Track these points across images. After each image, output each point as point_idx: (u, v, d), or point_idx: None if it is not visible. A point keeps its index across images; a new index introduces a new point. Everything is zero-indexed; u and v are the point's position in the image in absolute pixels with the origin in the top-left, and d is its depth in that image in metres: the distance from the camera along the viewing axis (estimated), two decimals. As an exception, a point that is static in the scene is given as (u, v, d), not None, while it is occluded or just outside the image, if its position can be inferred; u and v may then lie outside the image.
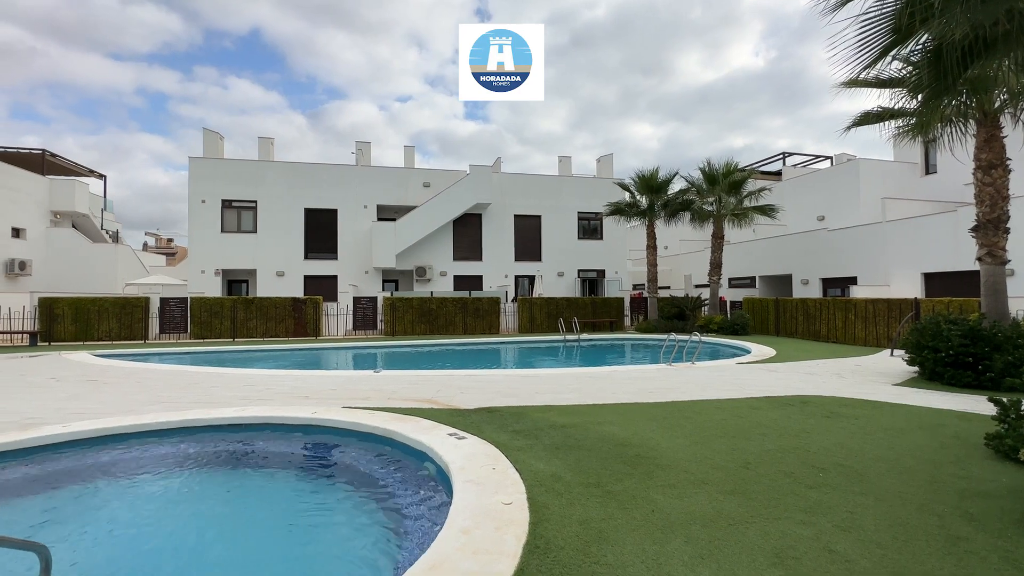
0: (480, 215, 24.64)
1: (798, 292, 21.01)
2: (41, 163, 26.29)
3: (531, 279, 25.00)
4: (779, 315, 17.64)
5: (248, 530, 3.79)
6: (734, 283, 25.53)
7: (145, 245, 50.87)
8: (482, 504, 3.14)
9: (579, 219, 26.03)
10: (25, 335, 16.13)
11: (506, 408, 5.99)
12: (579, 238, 26.01)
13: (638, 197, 20.73)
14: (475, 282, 24.27)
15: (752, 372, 9.12)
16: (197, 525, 3.87)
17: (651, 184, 19.78)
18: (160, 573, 3.15)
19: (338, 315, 19.27)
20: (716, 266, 18.96)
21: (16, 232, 23.42)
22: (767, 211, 18.70)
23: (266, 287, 22.19)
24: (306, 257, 23.03)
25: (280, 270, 22.64)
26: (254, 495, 4.43)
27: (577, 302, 21.17)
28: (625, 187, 21.00)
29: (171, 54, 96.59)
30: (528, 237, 25.37)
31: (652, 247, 20.47)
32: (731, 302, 21.91)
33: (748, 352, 12.39)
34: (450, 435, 4.69)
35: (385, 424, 5.08)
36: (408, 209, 23.64)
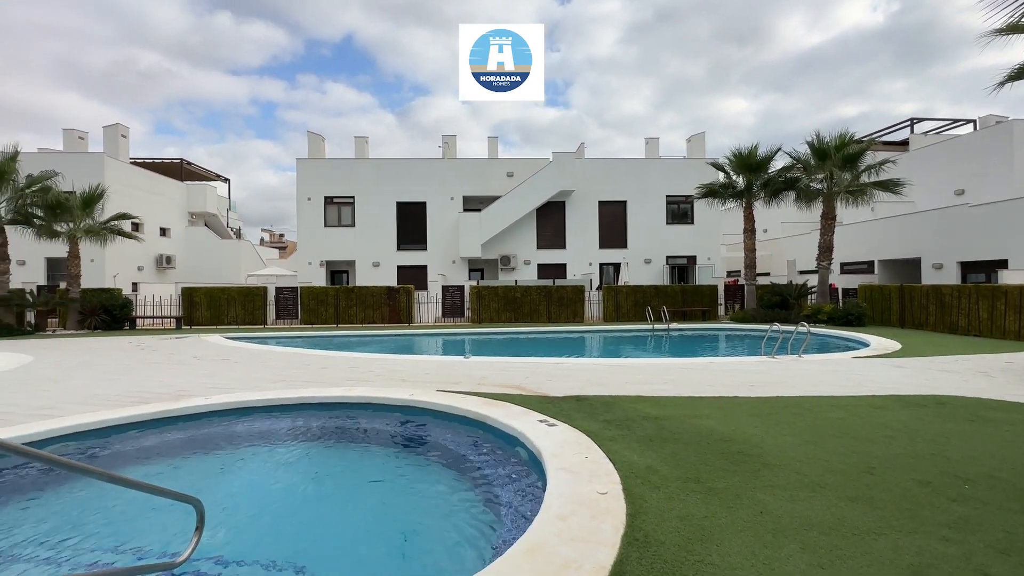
0: (563, 203, 24.43)
1: (928, 277, 18.44)
2: (179, 171, 30.30)
3: (616, 267, 24.39)
4: (904, 304, 15.60)
5: (351, 498, 4.11)
6: (847, 268, 23.00)
7: (261, 240, 56.92)
8: (576, 492, 3.12)
9: (667, 203, 24.87)
10: (172, 319, 18.82)
11: (595, 397, 5.91)
12: (667, 223, 24.88)
13: (734, 177, 19.28)
14: (559, 270, 24.19)
15: (872, 367, 8.17)
16: (309, 490, 4.27)
17: (749, 162, 18.28)
18: (280, 526, 3.52)
19: (428, 303, 20.20)
20: (826, 250, 17.15)
21: (163, 231, 27.27)
22: (890, 187, 16.49)
23: (363, 277, 23.85)
24: (398, 248, 24.37)
25: (376, 261, 24.18)
26: (358, 467, 4.79)
27: (666, 290, 20.30)
28: (719, 167, 19.63)
29: (278, 65, 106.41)
30: (613, 223, 24.73)
31: (750, 230, 18.98)
32: (844, 289, 19.79)
33: (866, 345, 11.11)
34: (540, 422, 4.72)
35: (477, 408, 5.23)
36: (492, 199, 24.05)
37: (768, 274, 25.98)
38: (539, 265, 24.38)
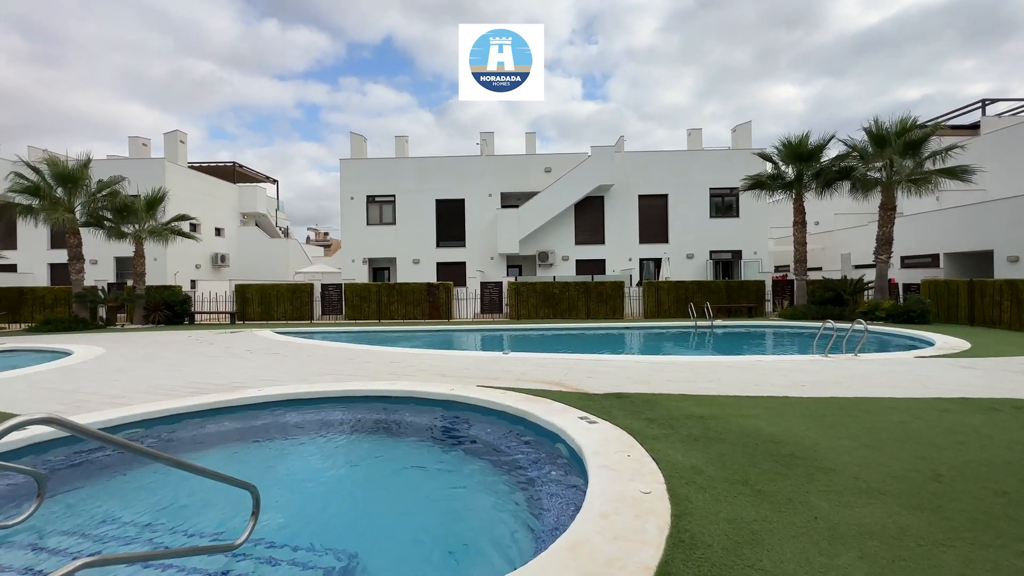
0: (602, 197, 24.10)
1: (1003, 272, 17.06)
2: (232, 174, 31.85)
3: (657, 262, 23.87)
4: (974, 300, 14.49)
5: (395, 489, 4.20)
6: (908, 262, 21.60)
7: (308, 239, 59.11)
8: (619, 490, 3.07)
9: (711, 196, 24.10)
10: (226, 314, 19.85)
11: (637, 395, 5.80)
12: (711, 216, 24.12)
13: (783, 167, 18.43)
14: (597, 266, 23.91)
15: (938, 368, 7.64)
16: (354, 480, 4.41)
17: (800, 151, 17.42)
18: (328, 513, 3.64)
19: (467, 299, 20.41)
20: (885, 242, 16.15)
21: (218, 231, 28.78)
22: (958, 174, 15.31)
23: (404, 273, 24.37)
24: (438, 245, 24.73)
25: (416, 258, 24.65)
26: (400, 458, 4.89)
27: (709, 286, 19.69)
28: (767, 157, 18.81)
29: (321, 69, 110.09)
30: (653, 218, 24.20)
31: (800, 223, 18.10)
32: (904, 285, 18.62)
33: (930, 344, 10.40)
34: (581, 419, 4.68)
35: (517, 404, 5.24)
36: (530, 195, 24.00)
37: (820, 269, 24.75)
38: (577, 261, 24.17)
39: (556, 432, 4.47)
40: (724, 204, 24.31)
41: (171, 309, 18.55)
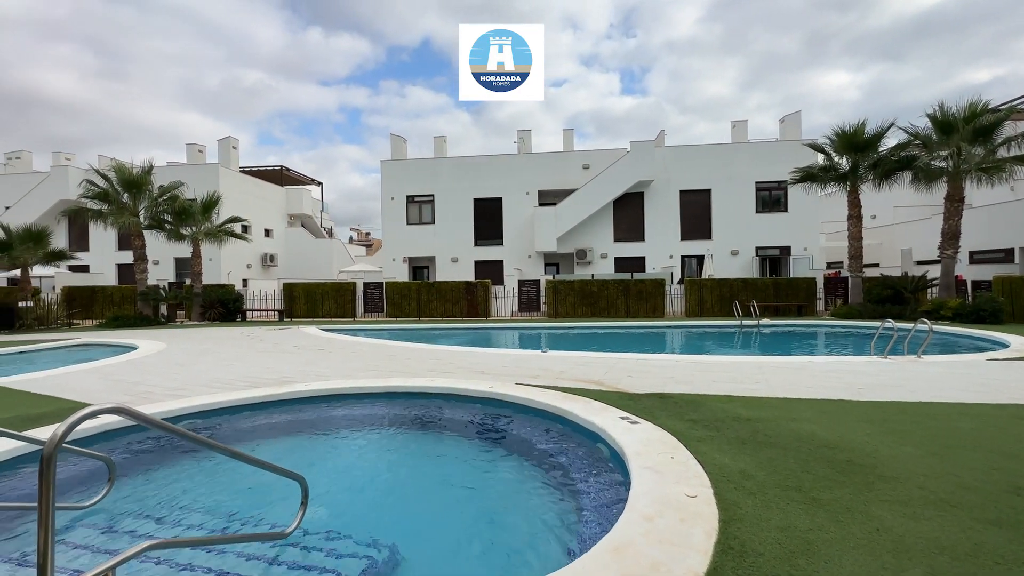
0: (642, 193, 23.63)
1: (1088, 267, 15.56)
2: (280, 177, 33.19)
3: (699, 259, 23.19)
4: (1055, 298, 13.28)
5: (434, 483, 4.25)
6: (978, 257, 20.08)
7: (350, 239, 60.86)
8: (663, 493, 2.99)
9: (757, 190, 23.20)
10: (275, 312, 20.73)
11: (680, 395, 5.64)
12: (757, 211, 23.23)
13: (836, 158, 17.48)
14: (637, 264, 23.46)
15: (1014, 371, 7.05)
16: (395, 474, 4.50)
17: (855, 141, 16.45)
18: (370, 505, 3.73)
19: (504, 297, 20.48)
20: (951, 236, 15.05)
21: (267, 232, 30.08)
22: (1036, 161, 14.08)
23: (443, 272, 24.71)
24: (476, 244, 24.93)
25: (454, 256, 24.94)
26: (440, 454, 4.95)
27: (755, 283, 18.95)
28: (818, 148, 17.88)
29: (362, 74, 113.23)
30: (696, 213, 23.52)
31: (855, 217, 17.11)
32: (973, 282, 17.30)
33: (1005, 346, 9.61)
34: (622, 418, 4.59)
35: (556, 402, 5.20)
36: (568, 192, 23.82)
37: (877, 265, 23.39)
38: (616, 259, 23.81)
39: (596, 431, 4.41)
40: (771, 198, 23.33)
41: (225, 306, 19.54)
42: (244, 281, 25.08)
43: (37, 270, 20.81)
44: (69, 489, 3.78)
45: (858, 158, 16.68)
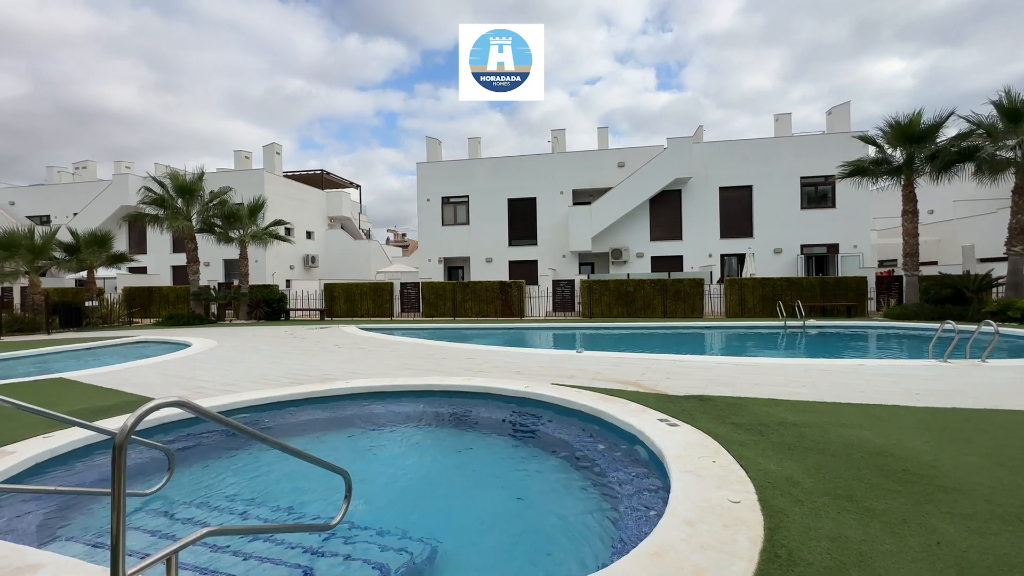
0: (679, 191, 23.12)
1: None
2: (320, 180, 34.27)
3: (740, 257, 22.48)
4: None
5: (471, 482, 4.30)
6: (1050, 254, 18.54)
7: (387, 240, 62.22)
8: (705, 498, 2.92)
9: (802, 185, 22.29)
10: (316, 312, 21.43)
11: (721, 398, 5.49)
12: (802, 207, 22.32)
13: (889, 150, 16.57)
14: (674, 263, 22.97)
15: (1092, 377, 6.50)
16: (433, 471, 4.57)
17: (911, 131, 15.54)
18: (410, 501, 3.80)
19: (538, 297, 20.46)
20: (1019, 232, 14.02)
21: (308, 234, 31.13)
22: (1119, 149, 12.92)
23: (477, 272, 24.92)
24: (510, 244, 25.02)
25: (489, 256, 25.10)
26: (477, 453, 5.00)
27: (800, 282, 18.20)
28: (869, 140, 17.00)
29: (398, 78, 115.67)
30: (736, 211, 22.81)
31: (911, 212, 16.17)
32: (1045, 281, 16.00)
33: (1081, 350, 8.87)
34: (660, 420, 4.51)
35: (592, 403, 5.16)
36: (603, 191, 23.57)
37: (935, 263, 22.02)
38: (652, 258, 23.38)
39: (634, 433, 4.35)
40: (818, 194, 22.35)
41: (270, 306, 20.36)
42: (287, 282, 26.05)
43: (101, 272, 22.28)
44: (128, 478, 4.03)
45: (914, 150, 15.76)
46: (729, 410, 4.97)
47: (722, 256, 23.00)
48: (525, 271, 24.14)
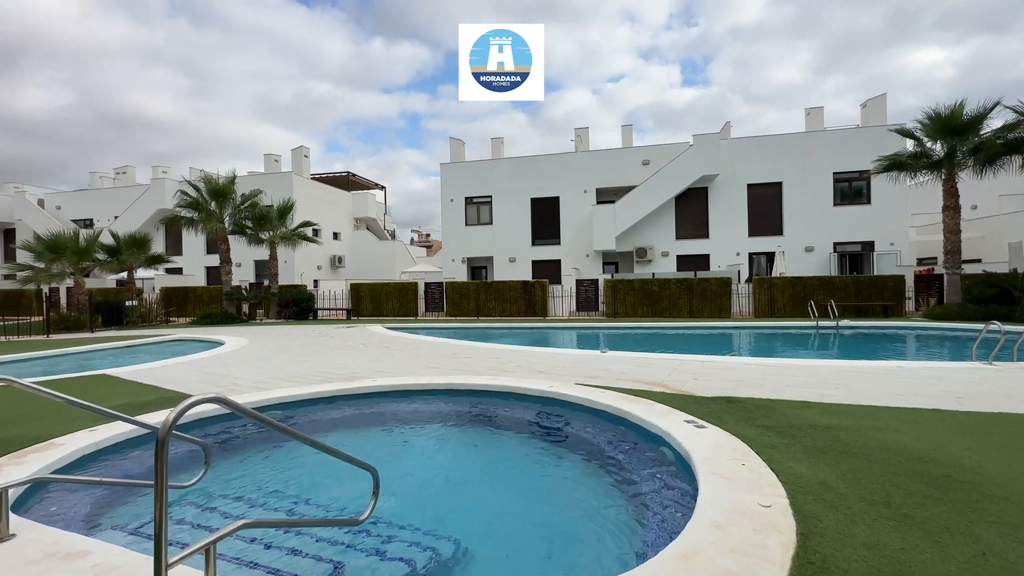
0: (705, 188, 22.69)
1: None
2: (346, 182, 34.89)
3: (769, 256, 21.93)
4: None
5: (495, 481, 4.31)
6: (1106, 251, 17.53)
7: (411, 240, 62.97)
8: (734, 501, 2.87)
9: (835, 181, 21.61)
10: (343, 311, 21.84)
11: (749, 400, 5.37)
12: (835, 204, 21.64)
13: (928, 144, 15.89)
14: (701, 262, 22.55)
15: None
16: (456, 469, 4.60)
17: (952, 124, 14.87)
18: (434, 498, 3.84)
19: (562, 297, 20.38)
20: (1071, 228, 13.23)
21: (335, 235, 31.74)
22: None
23: (501, 272, 24.97)
24: (533, 243, 24.99)
25: (512, 256, 25.13)
26: (501, 452, 5.02)
27: (833, 281, 17.64)
28: (907, 133, 16.32)
29: (421, 80, 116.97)
30: (765, 208, 22.25)
31: (952, 208, 15.48)
32: (1101, 279, 15.12)
33: None
34: (687, 422, 4.44)
35: (617, 404, 5.12)
36: (627, 190, 23.33)
37: (979, 261, 21.05)
38: (678, 257, 23.02)
39: (660, 435, 4.29)
40: (852, 190, 21.62)
41: (299, 305, 20.85)
42: (315, 282, 26.61)
43: (140, 272, 23.21)
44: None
45: (955, 142, 15.08)
46: (758, 412, 4.86)
47: (750, 255, 22.48)
48: (548, 271, 24.08)
